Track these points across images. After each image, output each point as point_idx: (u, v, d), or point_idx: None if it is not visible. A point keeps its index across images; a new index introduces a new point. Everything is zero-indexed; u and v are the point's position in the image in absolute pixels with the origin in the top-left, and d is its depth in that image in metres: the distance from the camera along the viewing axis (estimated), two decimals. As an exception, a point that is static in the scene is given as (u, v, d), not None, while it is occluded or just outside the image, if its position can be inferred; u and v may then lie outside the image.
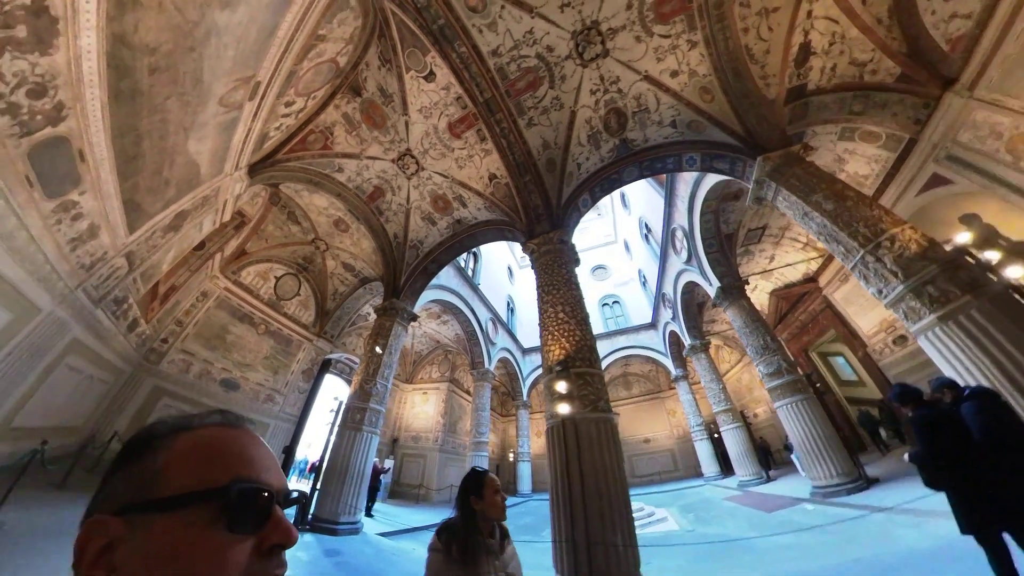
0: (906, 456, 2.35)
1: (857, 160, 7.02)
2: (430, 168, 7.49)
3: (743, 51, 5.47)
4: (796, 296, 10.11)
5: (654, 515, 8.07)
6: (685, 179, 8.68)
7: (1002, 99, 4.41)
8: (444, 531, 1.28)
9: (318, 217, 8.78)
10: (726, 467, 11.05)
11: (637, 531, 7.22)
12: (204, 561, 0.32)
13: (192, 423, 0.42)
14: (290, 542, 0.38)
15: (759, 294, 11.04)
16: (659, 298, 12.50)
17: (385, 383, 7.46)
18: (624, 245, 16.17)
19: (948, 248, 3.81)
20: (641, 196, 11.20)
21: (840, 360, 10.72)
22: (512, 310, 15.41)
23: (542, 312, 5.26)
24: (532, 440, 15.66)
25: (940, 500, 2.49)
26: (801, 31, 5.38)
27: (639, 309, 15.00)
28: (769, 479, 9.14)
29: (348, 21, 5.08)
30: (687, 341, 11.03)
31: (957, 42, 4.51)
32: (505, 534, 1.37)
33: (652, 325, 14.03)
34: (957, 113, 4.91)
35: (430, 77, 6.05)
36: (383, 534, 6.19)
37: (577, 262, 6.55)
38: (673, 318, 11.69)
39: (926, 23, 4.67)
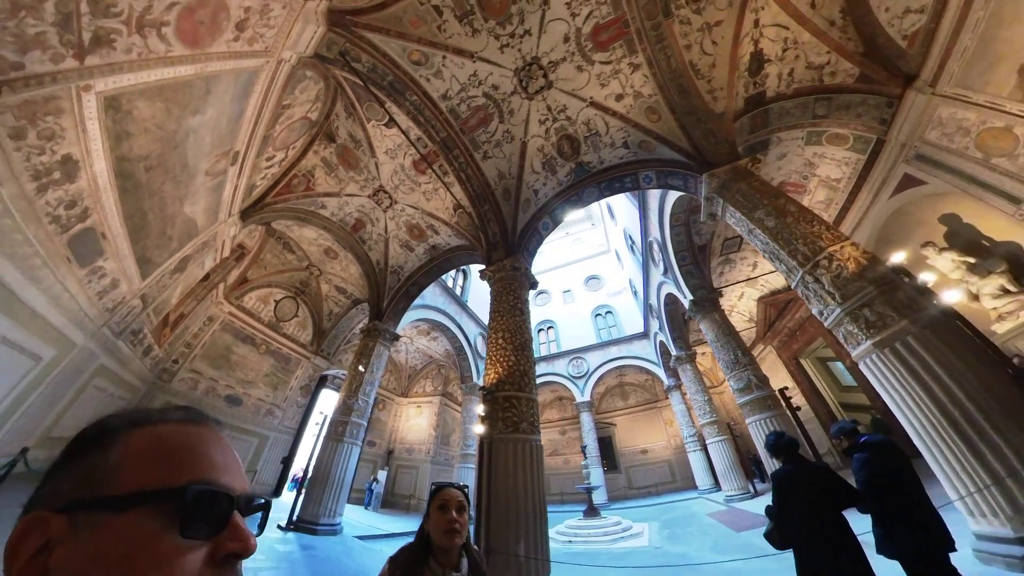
0: (764, 508, 2.45)
1: (828, 164, 7.23)
2: (402, 201, 8.58)
3: (687, 68, 5.84)
4: (783, 303, 10.34)
5: (630, 530, 8.57)
6: (654, 193, 9.24)
7: (966, 93, 4.46)
8: (396, 559, 1.13)
9: (309, 247, 10.09)
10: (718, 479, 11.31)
11: (607, 546, 7.88)
12: (152, 567, 0.31)
13: (152, 417, 0.40)
14: (247, 552, 0.36)
15: (747, 301, 11.31)
16: (647, 308, 12.99)
17: (367, 399, 8.56)
18: (616, 255, 16.72)
19: (888, 266, 3.69)
20: (623, 207, 11.81)
21: (840, 365, 10.76)
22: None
23: (488, 337, 6.09)
24: (530, 453, 16.32)
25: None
26: (750, 40, 5.70)
27: (632, 318, 15.47)
28: (756, 493, 9.40)
29: (310, 87, 6.20)
30: (673, 352, 11.46)
31: (913, 37, 4.61)
32: (477, 566, 1.17)
33: (644, 335, 14.49)
34: (921, 110, 5.00)
35: (390, 124, 7.10)
36: (360, 537, 7.22)
37: (534, 285, 7.34)
38: (660, 328, 12.14)
39: (881, 20, 4.78)
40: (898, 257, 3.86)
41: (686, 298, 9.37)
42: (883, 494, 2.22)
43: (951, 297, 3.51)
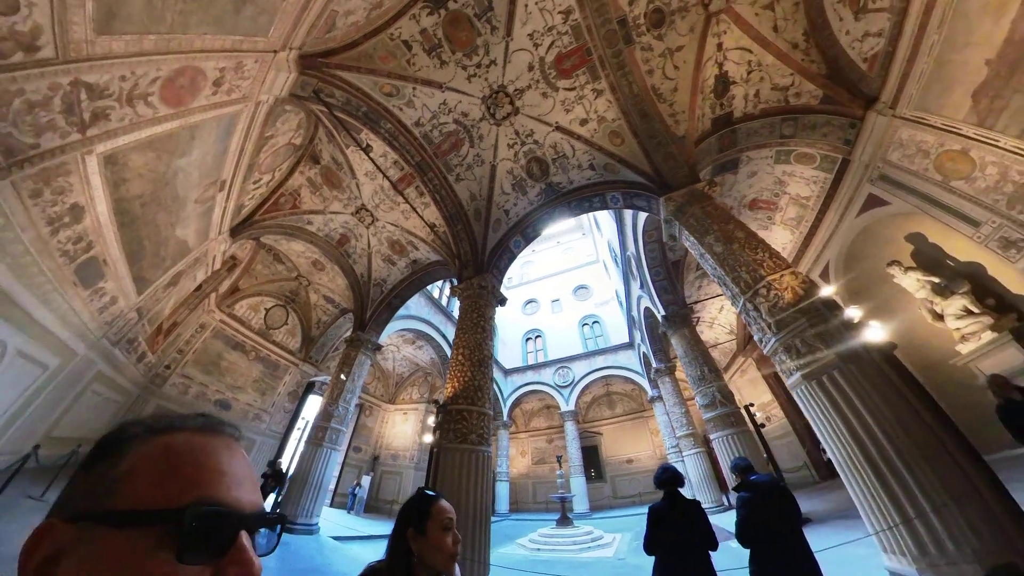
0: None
1: (797, 182, 7.49)
2: (383, 219, 9.34)
3: (649, 92, 6.26)
4: (761, 320, 10.74)
5: (600, 540, 9.09)
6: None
7: (924, 116, 4.65)
8: None
9: (298, 259, 10.92)
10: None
11: (574, 555, 8.48)
12: None
13: (170, 425, 0.42)
14: None
15: (727, 314, 11.75)
16: (630, 320, 13.52)
17: (347, 406, 9.31)
18: (604, 265, 17.30)
19: (818, 299, 3.82)
20: (607, 220, 12.41)
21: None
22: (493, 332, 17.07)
23: (451, 353, 6.76)
24: (516, 459, 16.95)
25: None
26: (714, 64, 6.06)
27: (619, 328, 16.03)
28: (729, 507, 9.84)
29: (291, 118, 6.95)
30: (654, 364, 11.98)
31: (873, 60, 4.82)
32: None
33: (629, 345, 15.03)
34: (882, 132, 5.20)
35: (367, 149, 7.84)
36: (335, 537, 7.94)
37: (502, 303, 7.99)
38: (642, 340, 12.67)
39: (842, 43, 5.00)
40: (828, 290, 4.03)
41: (659, 313, 9.90)
42: (757, 535, 2.42)
43: (875, 334, 3.60)
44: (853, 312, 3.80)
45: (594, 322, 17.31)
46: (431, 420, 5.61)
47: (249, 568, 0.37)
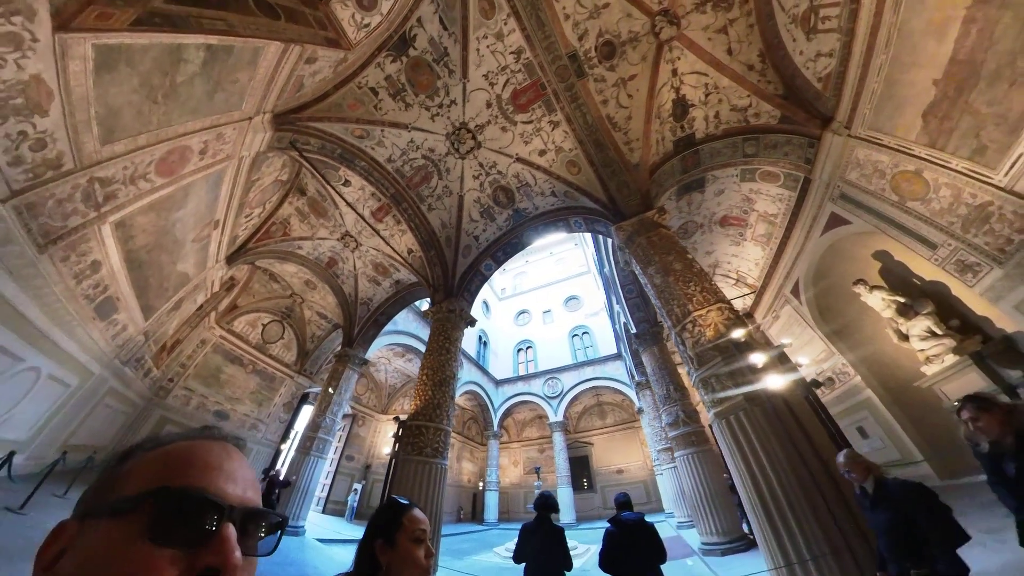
0: None
1: (764, 199, 7.83)
2: (366, 244, 10.47)
3: (604, 121, 6.75)
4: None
5: (575, 551, 9.89)
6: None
7: (878, 136, 4.74)
8: None
9: (291, 279, 12.20)
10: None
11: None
12: (120, 573, 0.34)
13: (177, 437, 0.47)
14: (226, 567, 0.37)
15: (707, 332, 12.31)
16: (617, 332, 14.24)
17: (334, 417, 10.46)
18: (594, 276, 18.03)
19: (731, 338, 4.07)
20: (590, 235, 13.21)
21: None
22: (485, 344, 18.06)
23: (418, 373, 7.77)
24: (508, 469, 17.80)
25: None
26: (671, 88, 6.43)
27: (608, 339, 16.74)
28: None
29: (274, 161, 8.14)
30: (636, 378, 12.68)
31: (827, 80, 4.99)
32: None
33: (618, 356, 15.69)
34: (839, 151, 5.33)
35: (346, 184, 8.98)
36: (320, 539, 9.08)
37: (471, 323, 8.95)
38: (625, 352, 13.38)
39: (797, 63, 5.19)
40: (738, 333, 4.24)
41: (632, 330, 10.64)
42: (615, 566, 2.84)
43: (775, 382, 3.74)
44: (758, 357, 3.96)
45: (584, 333, 18.10)
46: (390, 434, 6.61)
47: (224, 558, 0.38)
